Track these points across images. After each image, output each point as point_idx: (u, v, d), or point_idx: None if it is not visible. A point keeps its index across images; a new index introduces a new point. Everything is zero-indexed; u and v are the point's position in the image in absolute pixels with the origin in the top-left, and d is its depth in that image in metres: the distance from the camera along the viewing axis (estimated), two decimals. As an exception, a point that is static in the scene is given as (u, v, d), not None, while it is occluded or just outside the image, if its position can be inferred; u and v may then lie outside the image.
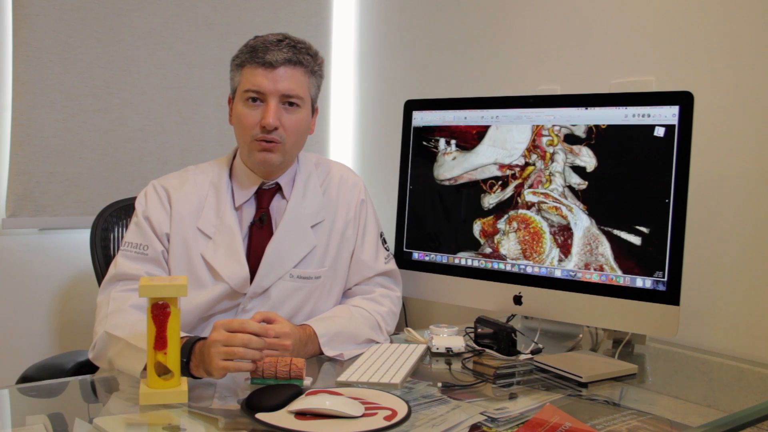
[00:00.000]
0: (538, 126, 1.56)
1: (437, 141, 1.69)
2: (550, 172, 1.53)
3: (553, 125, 1.53)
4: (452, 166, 1.67)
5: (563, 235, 1.50)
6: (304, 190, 1.54)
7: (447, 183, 1.68)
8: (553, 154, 1.53)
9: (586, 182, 1.48)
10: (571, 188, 1.50)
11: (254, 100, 1.43)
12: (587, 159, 1.48)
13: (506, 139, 1.60)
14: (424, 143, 1.70)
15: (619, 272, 1.42)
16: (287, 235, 1.49)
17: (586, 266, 1.46)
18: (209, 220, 1.47)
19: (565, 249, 1.50)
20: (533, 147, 1.56)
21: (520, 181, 1.57)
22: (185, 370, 1.20)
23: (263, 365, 1.19)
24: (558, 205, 1.50)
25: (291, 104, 1.45)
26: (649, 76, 1.70)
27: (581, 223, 1.48)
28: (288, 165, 1.53)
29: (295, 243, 1.49)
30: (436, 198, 1.69)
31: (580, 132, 1.50)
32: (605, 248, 1.45)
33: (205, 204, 1.49)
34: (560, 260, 1.50)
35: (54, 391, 1.27)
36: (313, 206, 1.54)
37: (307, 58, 1.46)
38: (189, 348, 1.21)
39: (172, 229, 1.46)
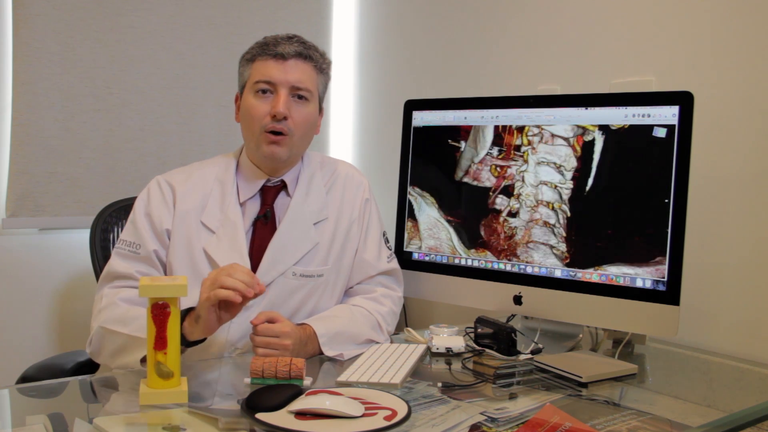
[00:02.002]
0: (506, 126, 1.59)
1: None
2: (522, 171, 1.56)
3: (526, 125, 1.56)
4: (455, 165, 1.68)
5: (413, 221, 1.72)
6: (308, 188, 1.54)
7: (462, 181, 1.68)
8: (527, 154, 1.56)
9: (573, 181, 1.48)
10: (548, 186, 1.52)
11: (264, 91, 1.45)
12: (566, 158, 1.50)
13: (476, 138, 1.63)
14: (450, 142, 1.69)
15: (463, 255, 1.62)
16: (290, 232, 1.49)
17: (433, 249, 1.68)
18: (213, 214, 1.47)
19: (415, 234, 1.72)
20: (504, 146, 1.59)
21: (497, 179, 1.60)
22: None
23: (263, 365, 1.20)
24: (411, 197, 1.72)
25: (300, 97, 1.46)
26: (649, 76, 1.70)
27: (424, 211, 1.68)
28: (294, 161, 1.54)
29: (297, 240, 1.49)
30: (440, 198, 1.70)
31: (559, 131, 1.52)
32: (449, 233, 1.65)
33: (209, 199, 1.49)
34: (417, 246, 1.72)
35: (54, 391, 1.27)
36: (316, 204, 1.54)
37: (316, 55, 1.49)
38: (184, 312, 1.24)
39: (174, 224, 1.46)
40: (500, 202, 1.59)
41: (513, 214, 1.57)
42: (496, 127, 1.61)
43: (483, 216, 1.62)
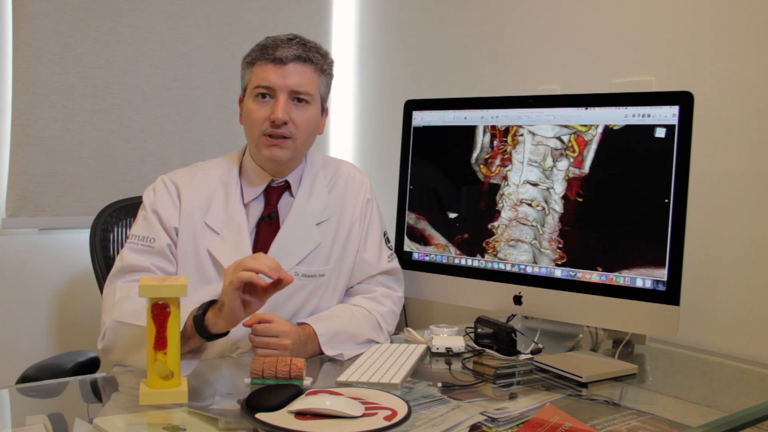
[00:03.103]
0: (495, 126, 1.61)
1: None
2: (507, 170, 1.59)
3: (514, 125, 1.58)
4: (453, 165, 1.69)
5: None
6: (311, 188, 1.55)
7: (458, 181, 1.69)
8: (511, 154, 1.59)
9: (569, 181, 1.48)
10: (533, 185, 1.55)
11: (264, 96, 1.45)
12: (553, 158, 1.51)
13: (470, 137, 1.64)
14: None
15: (413, 247, 1.72)
16: (292, 232, 1.49)
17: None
18: (217, 215, 1.47)
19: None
20: (492, 146, 1.61)
21: (485, 178, 1.62)
22: (201, 328, 1.23)
23: (263, 365, 1.20)
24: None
25: (300, 100, 1.46)
26: (649, 76, 1.70)
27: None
28: (297, 163, 1.54)
29: (300, 240, 1.50)
30: (434, 196, 1.70)
31: (550, 131, 1.53)
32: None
33: (213, 199, 1.49)
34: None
35: (54, 391, 1.27)
36: (319, 204, 1.54)
37: (316, 56, 1.48)
38: (206, 305, 1.25)
39: (180, 223, 1.46)
40: (485, 200, 1.60)
41: (495, 213, 1.59)
42: (486, 127, 1.62)
43: (463, 213, 1.62)
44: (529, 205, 1.55)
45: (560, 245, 1.51)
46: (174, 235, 1.46)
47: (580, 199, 1.49)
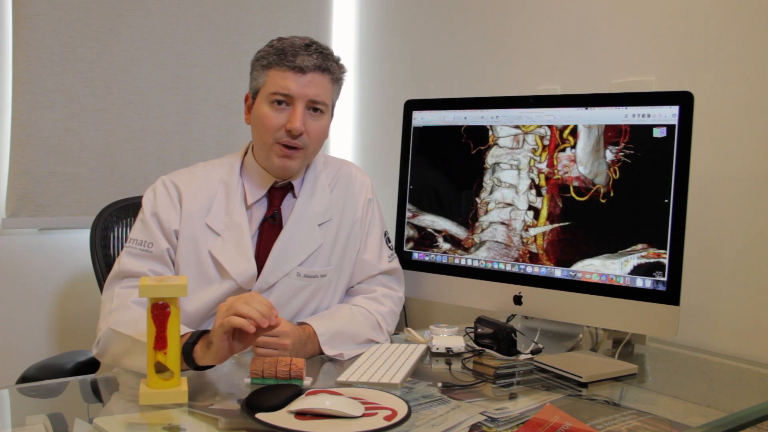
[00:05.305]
0: (483, 126, 1.64)
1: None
2: (486, 170, 1.63)
3: (495, 125, 1.61)
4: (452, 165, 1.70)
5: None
6: (313, 188, 1.54)
7: (453, 181, 1.71)
8: (487, 155, 1.62)
9: (530, 181, 1.48)
10: (508, 187, 1.59)
11: (280, 103, 1.43)
12: (533, 158, 1.53)
13: (470, 137, 1.66)
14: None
15: (412, 247, 1.73)
16: (295, 233, 1.49)
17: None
18: (218, 217, 1.47)
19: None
20: (476, 148, 1.64)
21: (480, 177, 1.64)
22: (189, 358, 1.19)
23: (263, 365, 1.20)
24: None
25: (316, 110, 1.45)
26: (649, 76, 1.70)
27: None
28: (303, 168, 1.54)
29: (302, 241, 1.50)
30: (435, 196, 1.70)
31: (498, 132, 1.59)
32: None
33: (214, 201, 1.48)
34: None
35: (54, 391, 1.27)
36: (321, 205, 1.54)
37: (333, 66, 1.46)
38: (198, 335, 1.21)
39: (181, 225, 1.46)
40: (468, 199, 1.62)
41: (476, 212, 1.61)
42: (476, 127, 1.64)
43: (463, 213, 1.62)
44: (495, 202, 1.58)
45: (525, 242, 1.52)
46: (174, 238, 1.45)
47: (577, 200, 1.49)
